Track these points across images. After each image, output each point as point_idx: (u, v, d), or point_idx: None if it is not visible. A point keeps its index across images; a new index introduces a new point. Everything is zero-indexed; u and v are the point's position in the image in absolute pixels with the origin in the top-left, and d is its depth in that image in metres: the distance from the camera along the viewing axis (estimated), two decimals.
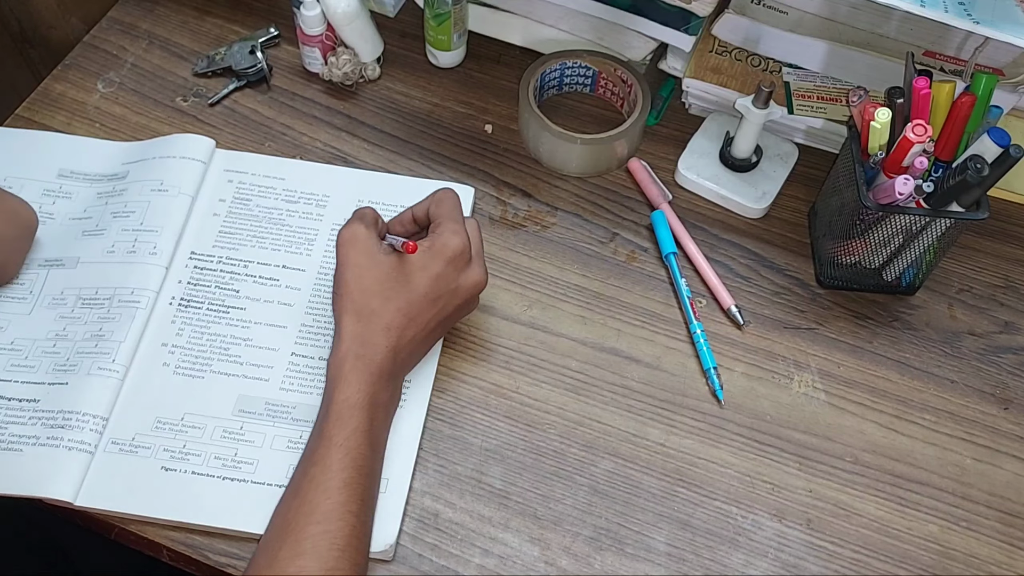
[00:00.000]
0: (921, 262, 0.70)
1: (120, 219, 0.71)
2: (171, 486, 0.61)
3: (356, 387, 0.58)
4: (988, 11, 0.65)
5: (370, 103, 0.82)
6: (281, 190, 0.75)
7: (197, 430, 0.63)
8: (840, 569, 0.61)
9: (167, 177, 0.73)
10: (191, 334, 0.67)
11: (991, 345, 0.71)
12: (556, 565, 0.61)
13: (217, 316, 0.68)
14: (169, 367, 0.66)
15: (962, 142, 0.66)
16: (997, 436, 0.67)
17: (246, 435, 0.63)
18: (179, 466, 0.62)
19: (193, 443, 0.63)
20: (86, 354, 0.65)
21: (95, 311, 0.67)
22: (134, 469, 0.61)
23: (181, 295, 0.69)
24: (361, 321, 0.60)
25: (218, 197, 0.74)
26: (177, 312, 0.68)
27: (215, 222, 0.73)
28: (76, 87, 0.81)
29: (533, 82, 0.77)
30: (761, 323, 0.71)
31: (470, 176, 0.77)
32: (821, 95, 0.77)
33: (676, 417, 0.67)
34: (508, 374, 0.68)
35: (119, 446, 0.62)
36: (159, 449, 0.62)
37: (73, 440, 0.61)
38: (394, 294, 0.60)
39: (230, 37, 0.85)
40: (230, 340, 0.67)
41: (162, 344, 0.67)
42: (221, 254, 0.71)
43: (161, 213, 0.71)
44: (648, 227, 0.75)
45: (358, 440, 0.56)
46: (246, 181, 0.75)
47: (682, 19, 0.75)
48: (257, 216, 0.73)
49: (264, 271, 0.71)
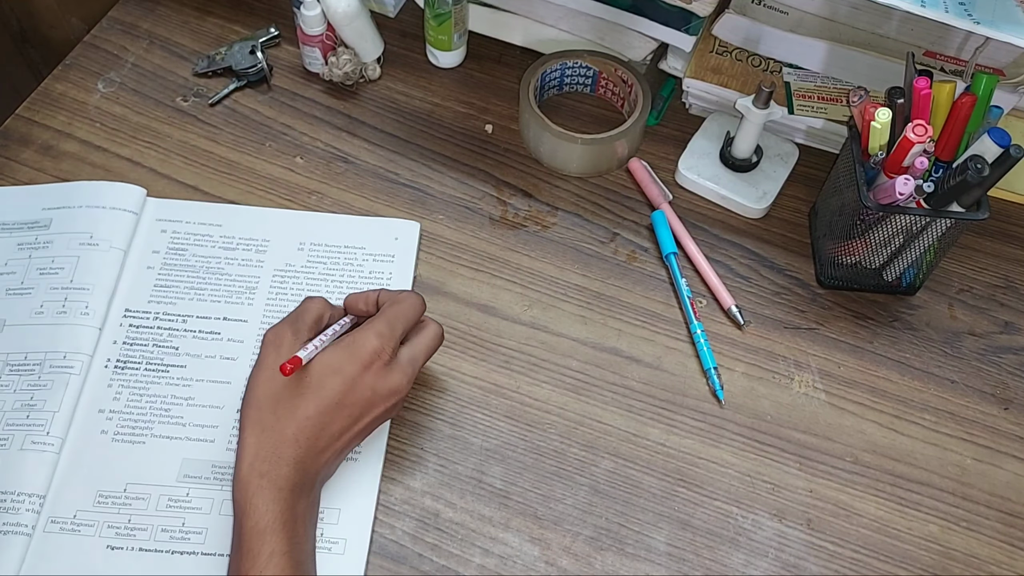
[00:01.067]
0: (921, 262, 0.70)
1: (48, 276, 0.68)
2: (119, 565, 0.58)
3: (264, 509, 0.53)
4: (988, 11, 0.65)
5: (370, 103, 0.82)
6: (218, 237, 0.72)
7: (141, 501, 0.60)
8: (840, 569, 0.61)
9: (96, 230, 0.70)
10: (129, 397, 0.64)
11: (991, 345, 0.71)
12: (556, 565, 0.61)
13: (156, 376, 0.65)
14: (108, 434, 0.63)
15: (962, 142, 0.66)
16: (997, 436, 0.67)
17: (192, 502, 0.60)
18: (125, 543, 0.59)
19: (138, 516, 0.60)
20: (17, 426, 0.62)
21: (25, 378, 0.64)
22: (78, 550, 0.58)
23: (117, 356, 0.66)
24: (265, 433, 0.55)
25: (151, 249, 0.71)
26: (113, 375, 0.65)
27: (150, 276, 0.70)
28: (77, 87, 0.81)
29: (533, 82, 0.78)
30: (761, 323, 0.71)
31: (470, 176, 0.78)
32: (821, 95, 0.77)
33: (676, 417, 0.67)
34: (508, 374, 0.68)
35: (59, 525, 0.59)
36: (103, 526, 0.59)
37: (8, 523, 0.58)
38: (303, 401, 0.56)
39: (230, 37, 0.85)
40: (171, 400, 0.64)
41: (99, 410, 0.63)
42: (157, 310, 0.68)
43: (92, 269, 0.68)
44: (648, 227, 0.75)
45: (278, 564, 0.52)
46: (180, 230, 0.72)
47: (682, 19, 0.75)
48: (194, 266, 0.70)
49: (204, 325, 0.68)
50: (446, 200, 0.76)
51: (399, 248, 0.72)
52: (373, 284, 0.70)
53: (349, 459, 0.62)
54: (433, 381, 0.67)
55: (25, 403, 0.63)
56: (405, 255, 0.72)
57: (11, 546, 0.58)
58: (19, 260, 0.70)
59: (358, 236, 0.72)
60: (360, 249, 0.72)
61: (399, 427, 0.65)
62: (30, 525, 0.59)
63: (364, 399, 0.57)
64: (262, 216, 0.74)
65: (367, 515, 0.61)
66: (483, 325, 0.70)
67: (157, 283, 0.70)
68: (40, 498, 0.60)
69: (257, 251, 0.72)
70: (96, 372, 0.65)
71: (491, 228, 0.75)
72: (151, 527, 0.60)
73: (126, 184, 0.74)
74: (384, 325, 0.59)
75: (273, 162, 0.77)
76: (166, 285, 0.70)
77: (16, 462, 0.61)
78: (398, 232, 0.73)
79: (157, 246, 0.71)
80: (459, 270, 0.72)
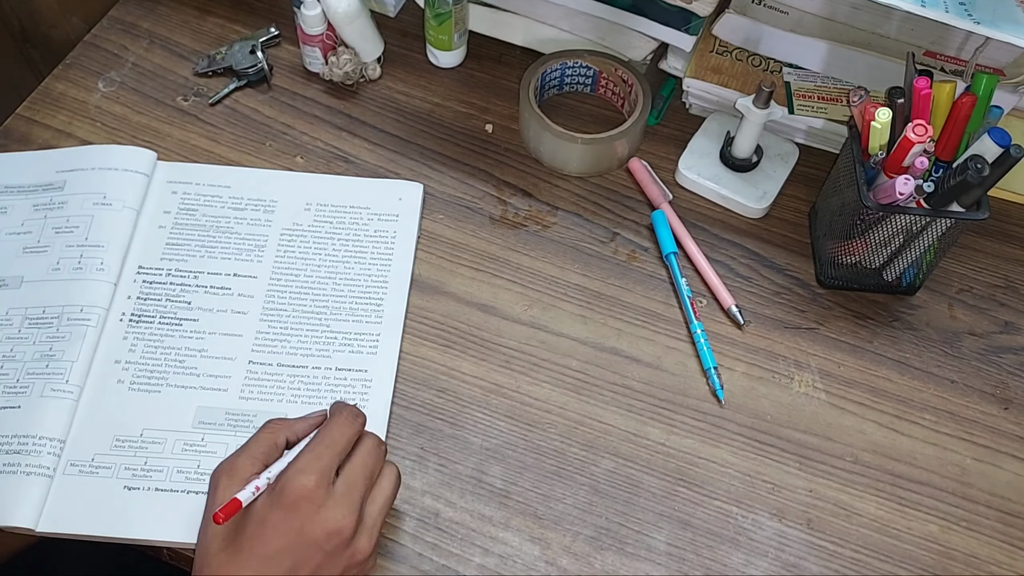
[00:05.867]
0: (921, 262, 0.70)
1: (63, 235, 0.70)
2: (136, 505, 0.60)
3: None
4: (988, 11, 0.65)
5: (371, 103, 0.82)
6: (227, 198, 0.74)
7: (157, 445, 0.63)
8: (840, 569, 0.61)
9: (109, 190, 0.72)
10: (144, 349, 0.66)
11: (991, 345, 0.71)
12: (557, 564, 0.61)
13: (170, 329, 0.68)
14: (124, 384, 0.65)
15: (962, 142, 0.66)
16: (997, 436, 0.67)
17: (207, 446, 0.63)
18: (142, 484, 0.61)
19: (154, 459, 0.62)
20: (37, 375, 0.64)
21: (43, 331, 0.66)
22: (96, 490, 0.60)
23: (131, 310, 0.68)
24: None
25: (163, 209, 0.73)
26: (128, 328, 0.67)
27: (162, 234, 0.72)
28: (77, 86, 0.81)
29: (534, 82, 0.78)
30: (761, 323, 0.71)
31: (471, 176, 0.78)
32: (822, 95, 0.77)
33: (676, 417, 0.67)
34: (509, 374, 0.68)
35: (78, 468, 0.61)
36: (120, 468, 0.61)
37: (31, 465, 0.60)
38: (238, 557, 0.50)
39: (231, 37, 0.85)
40: (185, 352, 0.67)
41: (115, 361, 0.66)
42: (170, 266, 0.70)
43: (106, 228, 0.71)
44: (648, 227, 0.75)
45: None
46: (191, 191, 0.74)
47: (683, 19, 0.75)
48: (204, 226, 0.72)
49: (215, 281, 0.70)
50: (446, 200, 0.76)
51: (403, 208, 0.74)
52: (378, 243, 0.72)
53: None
54: (433, 381, 0.67)
55: (44, 353, 0.65)
56: (409, 215, 0.74)
57: (33, 486, 0.60)
58: (35, 220, 0.72)
59: (363, 197, 0.75)
60: (365, 209, 0.74)
61: (399, 427, 0.65)
62: (51, 467, 0.61)
63: (300, 546, 0.50)
64: (269, 178, 0.76)
65: None
66: (483, 325, 0.70)
67: (169, 241, 0.72)
68: (60, 442, 0.62)
69: (265, 211, 0.74)
70: (112, 325, 0.68)
71: (491, 228, 0.75)
72: (167, 468, 0.62)
73: (136, 147, 0.75)
74: (314, 459, 0.52)
75: (273, 162, 0.77)
76: (178, 243, 0.72)
77: (37, 408, 0.63)
78: (402, 193, 0.75)
79: (168, 206, 0.73)
80: (459, 270, 0.72)
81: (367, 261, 0.71)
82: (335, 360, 0.67)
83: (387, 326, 0.68)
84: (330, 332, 0.68)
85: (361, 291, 0.70)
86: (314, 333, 0.68)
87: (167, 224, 0.73)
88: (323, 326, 0.68)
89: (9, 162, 0.75)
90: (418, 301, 0.71)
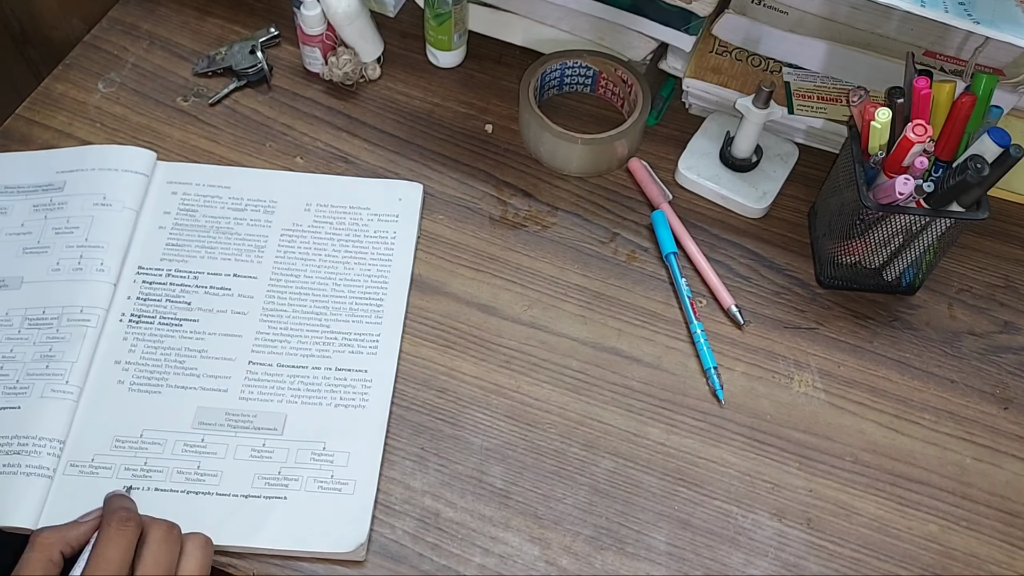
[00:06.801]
0: (921, 262, 0.70)
1: (63, 235, 0.70)
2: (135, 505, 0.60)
3: None
4: (988, 11, 0.65)
5: (371, 103, 0.82)
6: (227, 198, 0.74)
7: (157, 446, 0.63)
8: (840, 569, 0.61)
9: (109, 191, 0.72)
10: (144, 350, 0.67)
11: (991, 345, 0.71)
12: (557, 564, 0.61)
13: (170, 330, 0.68)
14: (124, 384, 0.65)
15: (962, 142, 0.66)
16: (997, 436, 0.67)
17: (208, 447, 0.63)
18: (142, 484, 0.61)
19: (154, 459, 0.62)
20: (37, 376, 0.64)
21: (43, 331, 0.66)
22: (96, 491, 0.60)
23: (131, 311, 0.68)
24: None
25: (163, 209, 0.73)
26: (128, 328, 0.67)
27: (161, 235, 0.72)
28: (77, 87, 0.81)
29: (533, 82, 0.78)
30: (761, 323, 0.71)
31: (470, 176, 0.78)
32: (821, 95, 0.77)
33: (676, 417, 0.67)
34: (509, 374, 0.68)
35: (78, 468, 0.61)
36: (120, 468, 0.62)
37: (31, 466, 0.60)
38: None
39: (230, 37, 0.85)
40: (185, 353, 0.67)
41: (115, 362, 0.66)
42: (170, 267, 0.70)
43: (106, 228, 0.71)
44: (648, 227, 0.75)
45: None
46: (191, 192, 0.74)
47: (682, 19, 0.75)
48: (204, 226, 0.73)
49: (215, 281, 0.70)
50: (446, 200, 0.76)
51: (403, 208, 0.74)
52: (378, 243, 0.72)
53: (356, 407, 0.65)
54: (433, 381, 0.67)
55: (44, 354, 0.65)
56: (409, 215, 0.74)
57: (33, 487, 0.60)
58: (35, 221, 0.72)
59: (363, 197, 0.75)
60: (365, 210, 0.74)
61: (399, 427, 0.65)
62: (51, 468, 0.61)
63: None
64: (269, 178, 0.76)
65: (375, 458, 0.63)
66: (483, 325, 0.70)
67: (169, 242, 0.72)
68: (60, 443, 0.62)
69: (265, 211, 0.74)
70: (112, 325, 0.68)
71: (491, 228, 0.75)
72: (167, 469, 0.62)
73: (136, 148, 0.75)
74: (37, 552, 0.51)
75: (273, 162, 0.77)
76: (177, 244, 0.72)
77: (37, 409, 0.63)
78: (402, 193, 0.75)
79: (168, 207, 0.73)
80: (459, 270, 0.72)
81: (367, 261, 0.71)
82: (335, 360, 0.67)
83: (387, 326, 0.68)
84: (330, 332, 0.68)
85: (361, 291, 0.70)
86: (314, 333, 0.68)
87: (167, 224, 0.73)
88: (323, 326, 0.68)
89: (9, 162, 0.75)
90: (418, 301, 0.71)
